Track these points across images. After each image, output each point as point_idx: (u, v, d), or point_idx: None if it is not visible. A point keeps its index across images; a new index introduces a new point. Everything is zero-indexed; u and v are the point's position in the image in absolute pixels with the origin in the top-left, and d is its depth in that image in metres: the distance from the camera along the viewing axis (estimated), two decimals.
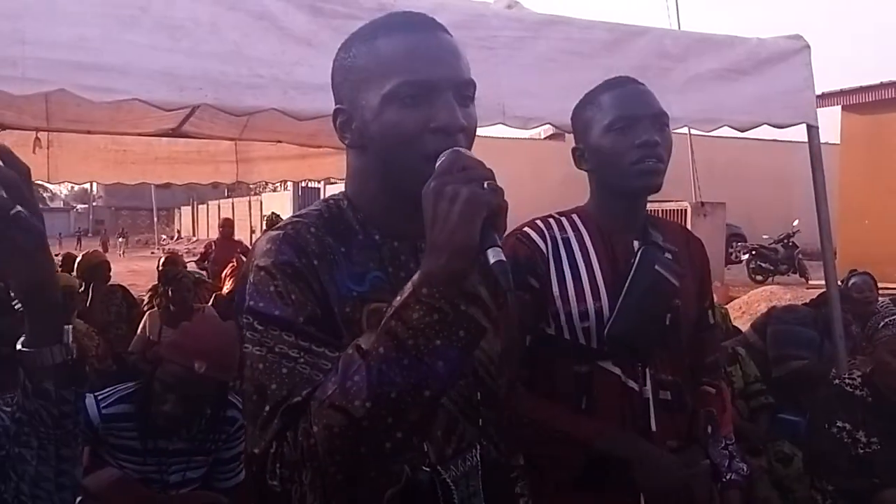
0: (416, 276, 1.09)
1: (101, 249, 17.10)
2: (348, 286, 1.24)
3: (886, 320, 3.15)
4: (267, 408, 1.14)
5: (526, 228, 2.04)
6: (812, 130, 4.22)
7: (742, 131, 4.15)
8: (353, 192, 1.36)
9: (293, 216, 1.34)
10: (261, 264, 1.21)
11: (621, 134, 1.94)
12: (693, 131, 7.11)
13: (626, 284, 1.96)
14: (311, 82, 3.08)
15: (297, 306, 1.18)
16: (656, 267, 1.98)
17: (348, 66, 1.30)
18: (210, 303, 6.21)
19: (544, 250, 1.99)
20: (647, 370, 1.97)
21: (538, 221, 2.06)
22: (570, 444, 1.93)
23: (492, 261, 1.05)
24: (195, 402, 2.82)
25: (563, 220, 2.08)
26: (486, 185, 1.08)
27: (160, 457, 2.83)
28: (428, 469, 1.26)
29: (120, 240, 38.84)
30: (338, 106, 1.32)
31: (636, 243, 2.03)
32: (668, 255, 2.04)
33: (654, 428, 1.95)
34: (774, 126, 4.16)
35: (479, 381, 1.36)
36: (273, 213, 16.09)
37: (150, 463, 2.81)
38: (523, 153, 22.39)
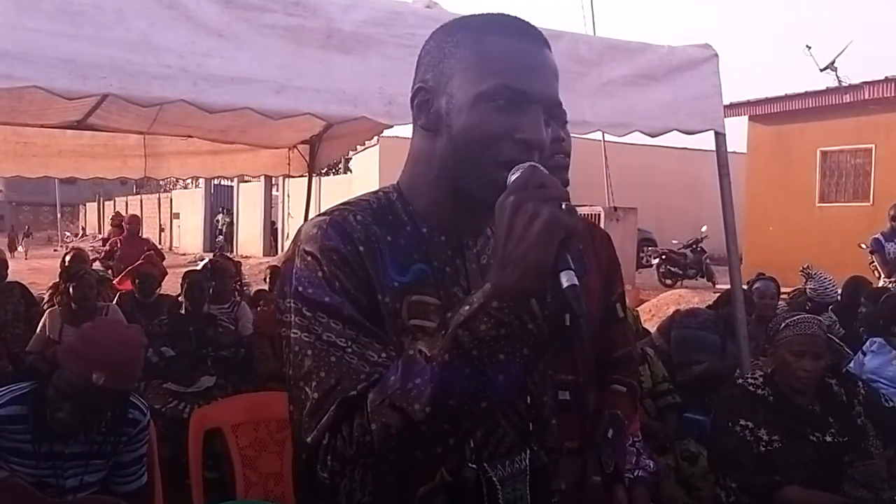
0: (486, 287, 1.10)
1: (7, 247, 16.37)
2: (390, 276, 1.24)
3: (787, 321, 3.25)
4: (316, 395, 1.15)
5: None
6: (719, 137, 4.34)
7: (652, 136, 4.23)
8: (407, 181, 1.35)
9: (340, 204, 1.30)
10: (308, 249, 1.21)
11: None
12: (607, 137, 7.24)
13: None
14: (222, 74, 3.01)
15: (343, 294, 1.18)
16: None
17: (448, 51, 1.27)
18: (115, 301, 6.02)
19: None
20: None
21: None
22: None
23: (565, 284, 1.06)
24: (92, 411, 2.67)
25: None
26: (563, 206, 1.08)
27: (55, 461, 2.68)
28: (475, 466, 1.27)
29: (24, 239, 36.47)
30: (420, 84, 1.30)
31: None
32: None
33: None
34: (683, 132, 4.26)
35: (525, 390, 1.36)
36: (117, 211, 15.49)
37: (43, 466, 2.67)
38: None
